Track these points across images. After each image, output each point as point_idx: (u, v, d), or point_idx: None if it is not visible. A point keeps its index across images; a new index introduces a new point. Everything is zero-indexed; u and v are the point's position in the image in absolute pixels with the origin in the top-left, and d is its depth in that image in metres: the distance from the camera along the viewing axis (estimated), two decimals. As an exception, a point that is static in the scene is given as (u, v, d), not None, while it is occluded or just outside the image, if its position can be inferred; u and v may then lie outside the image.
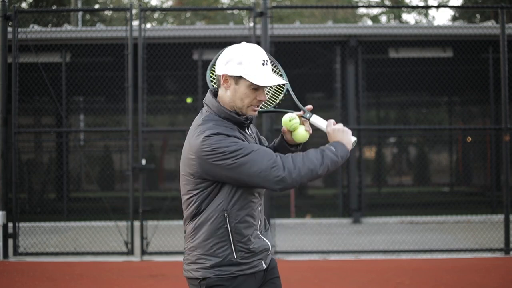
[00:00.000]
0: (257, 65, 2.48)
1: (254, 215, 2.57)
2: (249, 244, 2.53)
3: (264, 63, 2.50)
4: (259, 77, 2.48)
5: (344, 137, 2.57)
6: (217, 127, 2.48)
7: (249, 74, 2.48)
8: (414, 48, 11.93)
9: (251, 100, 2.53)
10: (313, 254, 7.96)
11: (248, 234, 2.53)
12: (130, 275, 6.87)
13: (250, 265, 2.54)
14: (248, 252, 2.53)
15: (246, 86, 2.51)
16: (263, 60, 2.50)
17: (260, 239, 2.58)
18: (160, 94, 16.72)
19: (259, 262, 2.58)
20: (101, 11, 28.94)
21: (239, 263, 2.52)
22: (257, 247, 2.55)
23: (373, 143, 18.18)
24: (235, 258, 2.51)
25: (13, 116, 8.16)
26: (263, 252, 2.59)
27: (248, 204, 2.54)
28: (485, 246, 8.30)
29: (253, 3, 8.21)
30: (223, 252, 2.51)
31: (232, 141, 2.44)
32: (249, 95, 2.52)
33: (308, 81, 14.68)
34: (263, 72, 2.50)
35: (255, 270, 2.57)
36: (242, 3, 29.99)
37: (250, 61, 2.48)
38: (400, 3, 28.73)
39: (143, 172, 8.12)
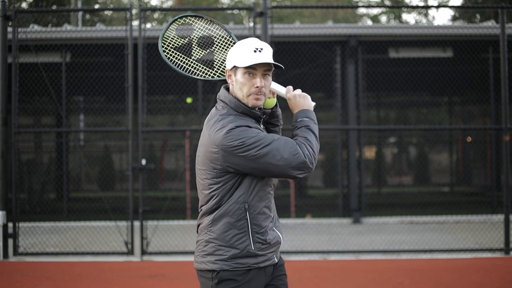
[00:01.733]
0: (248, 52, 2.59)
1: (270, 207, 2.69)
2: (265, 236, 2.62)
3: (256, 50, 2.58)
4: (248, 60, 2.58)
5: (306, 102, 2.71)
6: (237, 120, 2.58)
7: (239, 61, 2.60)
8: (414, 48, 11.93)
9: (249, 88, 2.60)
10: (313, 254, 7.95)
11: (266, 226, 2.63)
12: (130, 275, 6.87)
13: (265, 257, 2.63)
14: (264, 243, 2.62)
15: (241, 74, 2.60)
16: (256, 48, 2.59)
17: (274, 231, 2.68)
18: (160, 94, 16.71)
19: (272, 255, 2.67)
20: (101, 11, 28.95)
21: (256, 254, 2.60)
22: (272, 238, 2.65)
23: (373, 143, 18.19)
24: (252, 250, 2.59)
25: (13, 116, 8.16)
26: (276, 244, 2.69)
27: (266, 196, 2.65)
28: (485, 246, 8.30)
29: (253, 3, 8.21)
30: (242, 243, 2.58)
31: (254, 132, 2.54)
32: (246, 83, 2.60)
33: (308, 81, 14.68)
34: (253, 56, 2.57)
35: (269, 263, 2.65)
36: (242, 3, 30.00)
37: (241, 49, 2.61)
38: (400, 3, 28.73)
39: (143, 172, 8.12)
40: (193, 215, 12.09)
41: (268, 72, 2.63)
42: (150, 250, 8.13)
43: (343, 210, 12.08)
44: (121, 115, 17.55)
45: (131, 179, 8.07)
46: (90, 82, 13.52)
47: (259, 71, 2.60)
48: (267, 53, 2.60)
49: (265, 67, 2.60)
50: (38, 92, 13.75)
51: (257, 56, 2.57)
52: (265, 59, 2.57)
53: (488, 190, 15.25)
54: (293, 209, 12.35)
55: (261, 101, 2.62)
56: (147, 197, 8.56)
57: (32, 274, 6.89)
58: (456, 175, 18.40)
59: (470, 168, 17.78)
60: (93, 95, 16.05)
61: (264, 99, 2.64)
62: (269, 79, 2.65)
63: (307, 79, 14.61)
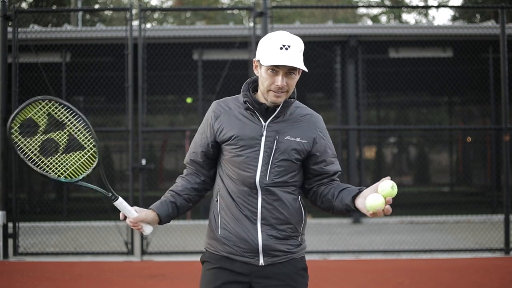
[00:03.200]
0: (274, 48, 2.50)
1: (250, 203, 2.74)
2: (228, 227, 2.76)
3: (283, 47, 2.49)
4: (271, 58, 2.49)
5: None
6: (221, 101, 2.71)
7: (263, 56, 2.53)
8: (414, 48, 11.93)
9: (269, 84, 2.54)
10: (313, 254, 7.95)
11: (237, 217, 2.74)
12: (130, 275, 6.87)
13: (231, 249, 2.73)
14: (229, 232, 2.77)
15: (265, 70, 2.54)
16: (283, 44, 2.50)
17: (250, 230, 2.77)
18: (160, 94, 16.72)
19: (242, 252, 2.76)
20: (101, 11, 28.94)
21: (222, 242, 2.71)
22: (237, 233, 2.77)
23: (373, 143, 18.18)
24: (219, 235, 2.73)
25: (13, 116, 8.15)
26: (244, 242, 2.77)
27: (240, 188, 2.71)
28: (485, 246, 8.30)
29: (253, 3, 8.21)
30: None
31: (205, 120, 2.70)
32: (268, 79, 2.54)
33: (308, 81, 14.67)
34: (277, 54, 2.49)
35: (241, 259, 2.72)
36: (242, 3, 30.00)
37: (268, 44, 2.53)
38: (400, 3, 28.74)
39: (143, 172, 8.12)
40: (193, 215, 12.09)
41: (293, 71, 2.53)
42: (150, 250, 8.13)
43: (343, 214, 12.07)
44: (121, 115, 17.54)
45: (131, 179, 8.07)
46: (90, 82, 13.51)
47: (283, 69, 2.51)
48: (293, 52, 2.49)
49: (288, 67, 2.51)
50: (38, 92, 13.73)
51: (281, 56, 2.48)
52: (288, 60, 2.47)
53: (488, 190, 15.24)
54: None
55: (281, 99, 2.55)
56: (147, 197, 8.55)
57: (32, 274, 6.89)
58: (456, 175, 18.39)
59: (470, 168, 17.78)
60: (93, 95, 16.04)
61: (285, 97, 2.56)
62: (294, 78, 2.55)
63: (307, 79, 14.61)
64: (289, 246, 2.63)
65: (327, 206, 2.67)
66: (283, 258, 2.62)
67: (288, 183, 2.62)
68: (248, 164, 2.57)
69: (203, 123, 2.71)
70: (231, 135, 2.59)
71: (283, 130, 2.60)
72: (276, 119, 2.61)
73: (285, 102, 2.61)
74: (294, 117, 2.65)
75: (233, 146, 2.59)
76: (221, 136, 2.62)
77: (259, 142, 2.58)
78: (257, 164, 2.57)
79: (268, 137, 2.58)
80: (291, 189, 2.63)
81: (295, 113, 2.66)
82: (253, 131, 2.58)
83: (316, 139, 2.65)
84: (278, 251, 2.60)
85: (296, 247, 2.65)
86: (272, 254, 2.60)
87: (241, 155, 2.58)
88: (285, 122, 2.62)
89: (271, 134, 2.59)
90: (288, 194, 2.62)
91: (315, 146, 2.65)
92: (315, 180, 2.70)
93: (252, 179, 2.57)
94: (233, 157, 2.60)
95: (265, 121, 2.60)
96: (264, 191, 2.58)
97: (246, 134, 2.58)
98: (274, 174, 2.58)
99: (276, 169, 2.58)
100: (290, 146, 2.59)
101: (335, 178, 2.72)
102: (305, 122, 2.65)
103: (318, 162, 2.66)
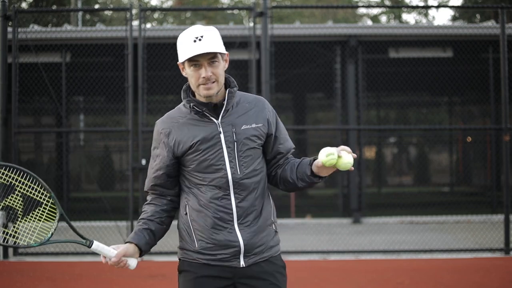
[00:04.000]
0: (188, 43, 2.51)
1: (221, 206, 2.74)
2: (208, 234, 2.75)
3: (196, 39, 2.49)
4: (186, 53, 2.51)
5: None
6: (168, 114, 2.70)
7: (181, 54, 2.55)
8: (414, 48, 11.93)
9: (196, 79, 2.54)
10: (313, 254, 7.95)
11: (207, 224, 2.74)
12: (130, 275, 6.87)
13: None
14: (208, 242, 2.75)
15: (188, 67, 2.56)
16: (195, 37, 2.50)
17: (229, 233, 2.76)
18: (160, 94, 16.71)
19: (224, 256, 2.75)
20: (101, 11, 28.95)
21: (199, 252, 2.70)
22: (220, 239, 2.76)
23: (373, 143, 18.17)
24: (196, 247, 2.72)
25: (13, 116, 8.16)
26: (227, 247, 2.76)
27: (206, 193, 2.69)
28: (485, 246, 8.30)
29: (253, 3, 8.21)
30: None
31: (155, 139, 2.67)
32: (193, 75, 2.54)
33: (308, 81, 14.68)
34: (192, 47, 2.49)
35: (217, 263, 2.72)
36: (242, 3, 30.00)
37: (182, 42, 2.54)
38: (400, 3, 28.73)
39: (143, 172, 8.12)
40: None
41: (214, 59, 2.52)
42: (150, 250, 8.11)
43: (343, 210, 12.08)
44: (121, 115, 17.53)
45: (131, 179, 8.07)
46: (90, 82, 13.51)
47: (204, 60, 2.50)
48: (207, 40, 2.48)
49: (208, 55, 2.50)
50: (38, 92, 13.75)
51: (196, 47, 2.48)
52: (203, 48, 2.47)
53: (488, 190, 15.23)
54: (293, 209, 12.34)
55: (213, 90, 2.53)
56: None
57: (32, 274, 6.88)
58: (456, 175, 18.38)
59: (470, 168, 17.77)
60: (93, 95, 16.04)
61: (216, 87, 2.53)
62: (218, 66, 2.53)
63: (307, 79, 14.61)
64: (267, 237, 2.62)
65: (290, 186, 2.68)
66: (264, 256, 2.60)
67: (257, 171, 2.62)
68: (215, 165, 2.56)
69: (155, 145, 2.66)
70: (191, 143, 2.57)
71: (237, 121, 2.59)
72: (226, 113, 2.60)
73: (229, 93, 2.60)
74: (242, 105, 2.64)
75: (196, 153, 2.57)
76: (179, 149, 2.59)
77: (219, 140, 2.57)
78: (225, 161, 2.56)
79: (225, 132, 2.57)
80: (260, 177, 2.63)
81: (241, 101, 2.66)
82: (210, 131, 2.57)
83: (269, 120, 2.66)
84: (259, 246, 2.59)
85: (272, 237, 2.65)
86: (253, 252, 2.58)
87: (206, 159, 2.56)
88: (236, 113, 2.61)
89: (227, 128, 2.58)
90: (259, 183, 2.62)
91: (270, 127, 2.66)
92: (273, 163, 2.71)
93: (224, 178, 2.55)
94: (198, 164, 2.57)
95: (217, 118, 2.59)
96: (236, 188, 2.57)
97: (204, 137, 2.56)
98: (244, 166, 2.58)
99: (244, 160, 2.58)
100: (249, 133, 2.60)
101: (289, 155, 2.73)
102: (253, 107, 2.66)
103: (274, 142, 2.68)
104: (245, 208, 2.58)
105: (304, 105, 16.49)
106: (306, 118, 17.21)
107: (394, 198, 16.07)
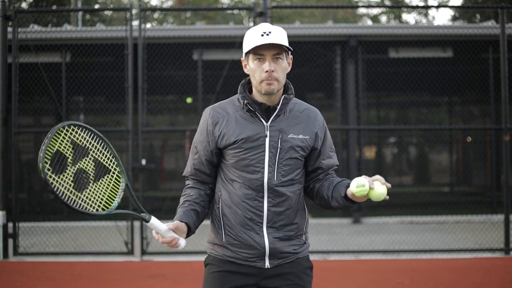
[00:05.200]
0: (255, 37, 2.51)
1: (254, 206, 2.74)
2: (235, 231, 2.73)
3: (264, 34, 2.49)
4: (254, 44, 2.50)
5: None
6: (219, 104, 2.68)
7: (247, 47, 2.54)
8: (414, 48, 11.92)
9: (260, 74, 2.52)
10: (313, 254, 7.95)
11: (238, 222, 2.73)
12: (130, 275, 6.87)
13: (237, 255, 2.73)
14: (235, 239, 2.74)
15: (252, 60, 2.55)
16: (263, 31, 2.50)
17: (257, 234, 2.77)
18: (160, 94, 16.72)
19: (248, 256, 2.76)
20: (101, 11, 28.95)
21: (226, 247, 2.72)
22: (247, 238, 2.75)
23: (373, 143, 18.17)
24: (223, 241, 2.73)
25: (13, 116, 8.16)
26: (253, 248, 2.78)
27: (243, 192, 2.68)
28: (485, 246, 8.30)
29: (253, 3, 8.21)
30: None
31: (201, 127, 2.66)
32: (257, 69, 2.53)
33: (308, 81, 14.67)
34: (259, 40, 2.49)
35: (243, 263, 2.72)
36: (242, 3, 30.00)
37: (249, 36, 2.54)
38: (400, 3, 28.73)
39: (143, 172, 8.12)
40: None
41: (278, 55, 2.52)
42: (150, 250, 8.13)
43: (343, 210, 12.07)
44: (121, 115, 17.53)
45: (131, 179, 8.07)
46: (90, 82, 13.50)
47: (268, 55, 2.50)
48: (275, 36, 2.48)
49: (273, 50, 2.50)
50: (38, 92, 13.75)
51: (263, 39, 2.48)
52: (270, 40, 2.47)
53: (488, 190, 15.23)
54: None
55: (273, 86, 2.51)
56: (147, 197, 8.56)
57: (32, 274, 6.88)
58: (456, 175, 18.38)
59: (470, 168, 17.77)
60: (93, 95, 16.04)
61: (277, 84, 2.52)
62: (282, 63, 2.53)
63: (307, 79, 14.60)
64: (295, 247, 2.62)
65: (324, 203, 2.65)
66: (289, 259, 2.61)
67: (294, 181, 2.60)
68: (254, 167, 2.55)
69: (200, 131, 2.66)
70: (235, 139, 2.56)
71: (285, 128, 2.58)
72: (277, 118, 2.58)
73: (284, 99, 2.59)
74: (294, 113, 2.63)
75: (237, 150, 2.56)
76: (223, 142, 2.58)
77: (264, 143, 2.55)
78: (264, 165, 2.55)
79: (272, 137, 2.56)
80: (296, 187, 2.62)
81: (294, 110, 2.64)
82: (256, 132, 2.56)
83: (317, 134, 2.64)
84: (284, 253, 2.59)
85: (300, 246, 2.64)
86: (278, 256, 2.58)
87: (246, 158, 2.55)
88: (286, 120, 2.60)
89: (274, 133, 2.56)
90: (294, 193, 2.60)
91: (317, 141, 2.64)
92: (312, 176, 2.68)
93: (260, 181, 2.55)
94: (238, 161, 2.56)
95: (267, 121, 2.57)
96: (271, 193, 2.56)
97: (249, 136, 2.55)
98: (282, 174, 2.56)
99: (283, 168, 2.56)
100: (294, 143, 2.58)
101: (330, 172, 2.70)
102: (305, 117, 2.64)
103: (317, 156, 2.65)
104: (277, 213, 2.57)
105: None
106: (306, 118, 17.15)
107: (394, 198, 15.99)
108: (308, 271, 2.67)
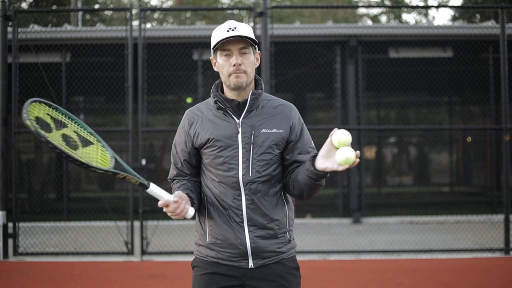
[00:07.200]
0: (222, 33, 2.54)
1: (234, 205, 2.74)
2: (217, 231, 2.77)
3: (229, 30, 2.53)
4: (221, 38, 2.54)
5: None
6: (196, 107, 2.72)
7: (213, 42, 2.57)
8: (414, 48, 11.92)
9: (228, 68, 2.55)
10: (313, 254, 7.95)
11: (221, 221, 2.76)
12: (130, 275, 6.87)
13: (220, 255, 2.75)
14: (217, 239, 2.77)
15: (220, 56, 2.58)
16: (229, 27, 2.54)
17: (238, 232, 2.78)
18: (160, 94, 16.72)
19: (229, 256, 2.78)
20: (101, 11, 28.94)
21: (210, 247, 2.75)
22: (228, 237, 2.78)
23: (373, 143, 18.17)
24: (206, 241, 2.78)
25: (13, 116, 8.16)
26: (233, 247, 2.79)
27: (225, 190, 2.68)
28: (485, 246, 8.30)
29: (253, 3, 8.21)
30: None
31: (181, 128, 2.69)
32: (225, 64, 2.56)
33: (308, 81, 14.67)
34: (226, 35, 2.53)
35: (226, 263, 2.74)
36: (242, 3, 30.00)
37: (216, 33, 2.57)
38: (400, 3, 28.73)
39: (143, 172, 8.12)
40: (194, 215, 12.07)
41: (245, 49, 2.54)
42: (150, 250, 8.13)
43: (343, 210, 12.08)
44: (121, 115, 17.54)
45: (131, 179, 8.06)
46: (90, 82, 13.51)
47: (235, 49, 2.53)
48: (240, 30, 2.52)
49: (239, 44, 2.53)
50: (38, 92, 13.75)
51: (228, 34, 2.52)
52: (235, 33, 2.51)
53: (488, 190, 15.24)
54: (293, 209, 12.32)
55: (242, 79, 2.53)
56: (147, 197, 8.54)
57: (32, 274, 6.88)
58: (456, 175, 18.38)
59: (470, 168, 17.77)
60: (93, 95, 16.04)
61: (245, 77, 2.54)
62: (249, 57, 2.55)
63: (307, 79, 14.61)
64: (278, 245, 2.61)
65: (298, 188, 2.59)
66: (273, 259, 2.60)
67: (271, 177, 2.59)
68: (229, 164, 2.56)
69: (179, 133, 2.70)
70: (207, 138, 2.59)
71: (257, 124, 2.58)
72: (249, 114, 2.59)
73: (253, 94, 2.59)
74: (267, 109, 2.62)
75: (211, 149, 2.58)
76: (198, 141, 2.61)
77: (236, 140, 2.57)
78: (238, 162, 2.56)
79: (244, 133, 2.56)
80: (274, 183, 2.61)
81: (268, 106, 2.64)
82: (229, 130, 2.57)
83: (292, 127, 2.62)
84: (268, 252, 2.58)
85: (285, 244, 2.64)
86: (262, 256, 2.58)
87: (220, 156, 2.57)
88: (259, 116, 2.60)
89: (246, 129, 2.57)
90: (272, 189, 2.60)
91: (292, 134, 2.62)
92: (290, 170, 2.64)
93: (235, 177, 2.55)
94: (213, 159, 2.59)
95: (239, 118, 2.58)
96: (248, 190, 2.56)
97: (222, 135, 2.57)
98: (257, 170, 2.56)
99: (258, 164, 2.56)
100: (268, 138, 2.57)
101: None
102: (279, 113, 2.63)
103: (293, 150, 2.62)
104: (255, 211, 2.57)
105: (304, 105, 16.48)
106: (306, 118, 17.21)
107: (394, 198, 16.08)
108: (294, 272, 2.66)
